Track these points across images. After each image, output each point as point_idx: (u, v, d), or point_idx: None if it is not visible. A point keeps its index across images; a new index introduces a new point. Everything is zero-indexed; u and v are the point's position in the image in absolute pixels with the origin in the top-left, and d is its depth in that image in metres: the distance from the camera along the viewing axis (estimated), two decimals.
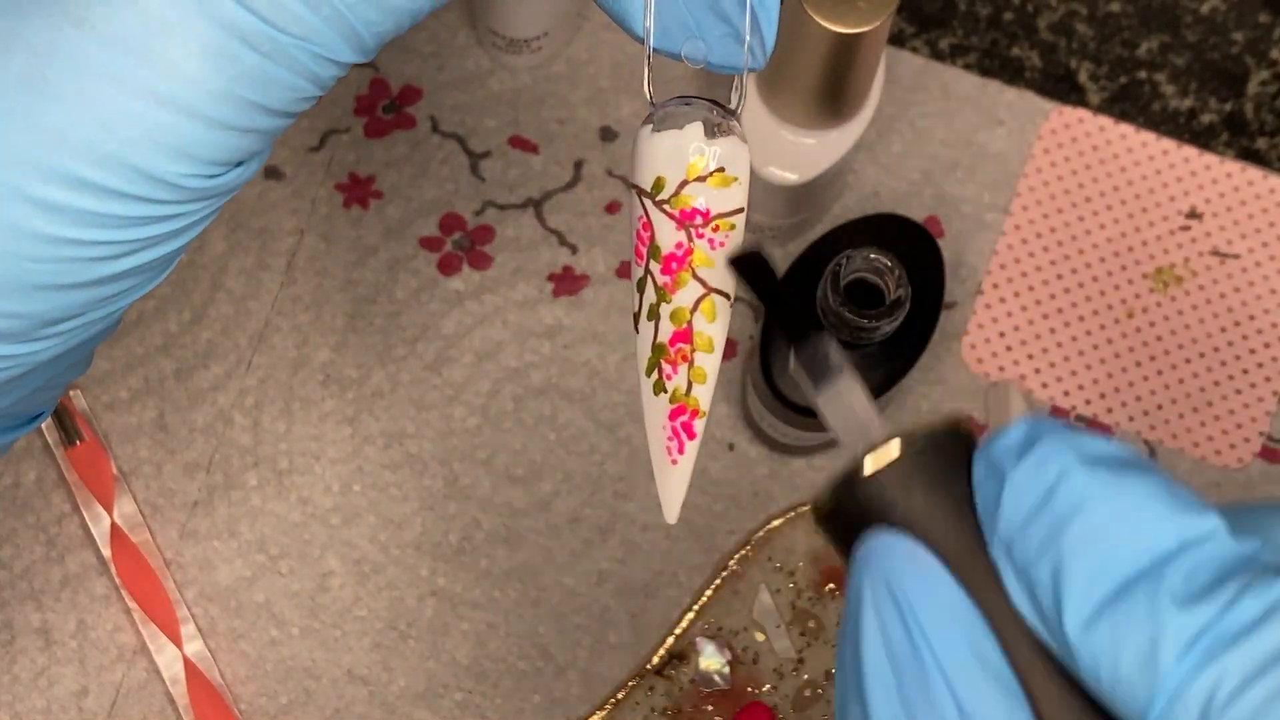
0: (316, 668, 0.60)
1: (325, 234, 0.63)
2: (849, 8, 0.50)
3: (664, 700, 0.59)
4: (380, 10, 0.37)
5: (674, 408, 0.41)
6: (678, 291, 0.40)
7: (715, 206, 0.40)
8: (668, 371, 0.41)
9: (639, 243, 0.40)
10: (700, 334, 0.40)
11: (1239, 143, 0.65)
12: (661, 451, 0.42)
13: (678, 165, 0.39)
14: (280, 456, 0.62)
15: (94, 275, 0.37)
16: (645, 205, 0.40)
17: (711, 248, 0.40)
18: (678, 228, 0.40)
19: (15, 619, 0.60)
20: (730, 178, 0.40)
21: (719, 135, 0.40)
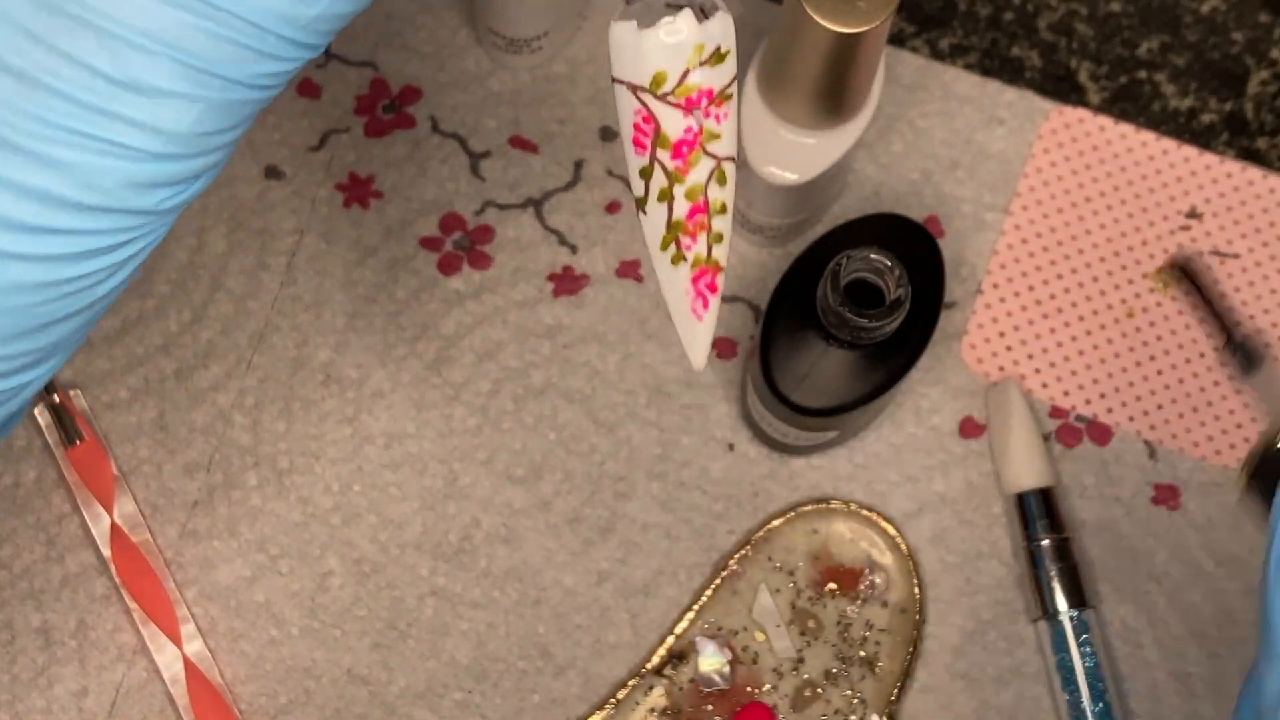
0: (316, 667, 0.60)
1: (325, 234, 0.63)
2: (849, 8, 0.50)
3: (664, 700, 0.59)
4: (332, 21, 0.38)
5: (696, 272, 0.42)
6: (691, 171, 0.41)
7: (716, 84, 0.40)
8: (685, 243, 0.42)
9: (638, 134, 0.41)
10: (715, 200, 0.41)
11: (1239, 142, 0.65)
12: (686, 312, 0.42)
13: (678, 57, 0.40)
14: (280, 456, 0.62)
15: (86, 302, 0.39)
16: (644, 100, 0.40)
17: (717, 122, 0.40)
18: (685, 114, 0.40)
19: (15, 619, 0.60)
20: (724, 53, 0.40)
21: (707, 15, 0.40)
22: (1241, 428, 0.62)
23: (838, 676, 0.59)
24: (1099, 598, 0.61)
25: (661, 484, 0.61)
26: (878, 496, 0.61)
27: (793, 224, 0.61)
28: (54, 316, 0.38)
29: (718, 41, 0.40)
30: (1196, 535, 0.61)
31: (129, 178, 0.37)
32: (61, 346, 0.39)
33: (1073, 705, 0.59)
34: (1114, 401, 0.62)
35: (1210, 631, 0.60)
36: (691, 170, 0.41)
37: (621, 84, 0.41)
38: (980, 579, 0.61)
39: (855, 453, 0.62)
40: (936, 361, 0.62)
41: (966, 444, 0.62)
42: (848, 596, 0.60)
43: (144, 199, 0.37)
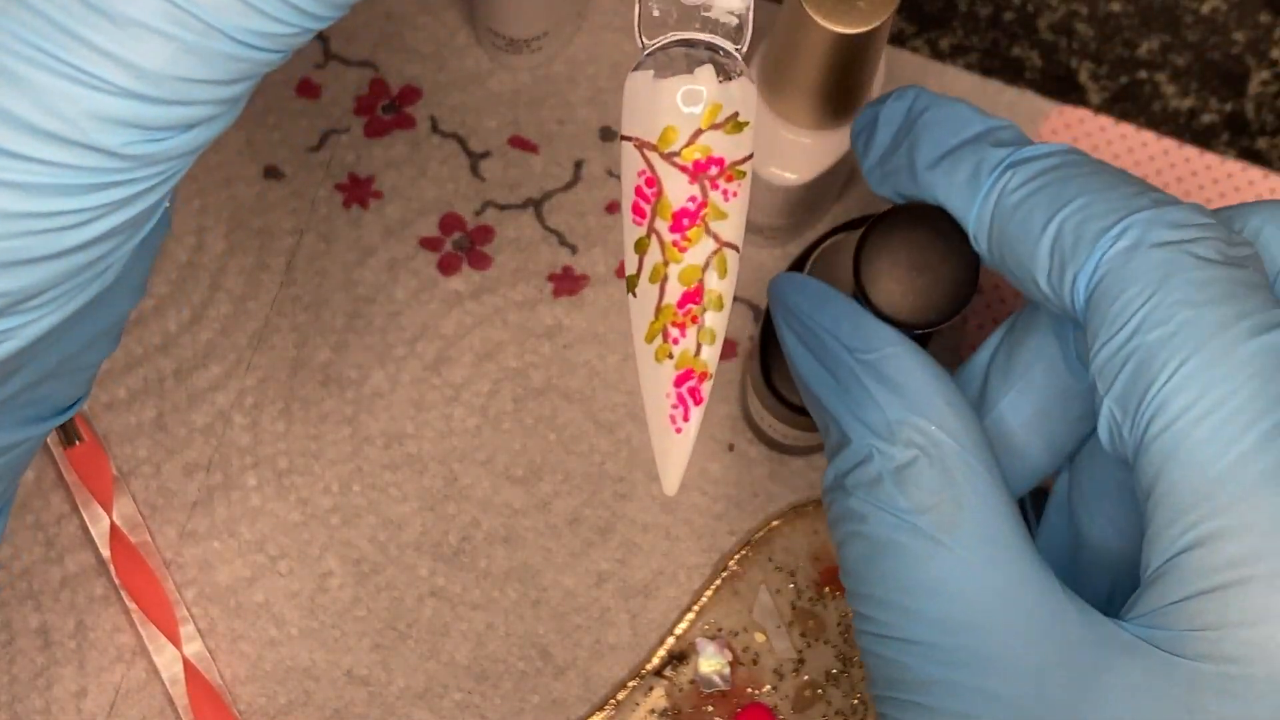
0: (316, 668, 0.60)
1: (325, 234, 0.63)
2: (849, 8, 0.50)
3: (664, 701, 0.59)
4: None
5: (680, 373, 0.39)
6: (690, 249, 0.38)
7: (729, 155, 0.38)
8: (674, 335, 0.39)
9: (639, 199, 0.38)
10: (711, 292, 0.39)
11: (1240, 143, 0.65)
12: (664, 421, 0.40)
13: (691, 113, 0.37)
14: (280, 457, 0.62)
15: (61, 245, 0.36)
16: (649, 159, 0.38)
17: (725, 199, 0.38)
18: (691, 180, 0.38)
19: (14, 619, 0.60)
20: (743, 122, 0.38)
21: (731, 77, 0.38)
22: None
23: (839, 677, 0.59)
24: None
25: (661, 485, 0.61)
26: None
27: (792, 224, 0.61)
28: (18, 255, 0.36)
29: (737, 107, 0.38)
30: None
31: (93, 109, 0.34)
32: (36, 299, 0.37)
33: None
34: None
35: None
36: (690, 248, 0.38)
37: (629, 141, 0.38)
38: None
39: None
40: None
41: None
42: None
43: (108, 136, 0.35)
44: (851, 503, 0.43)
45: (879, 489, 0.42)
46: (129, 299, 0.42)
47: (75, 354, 0.41)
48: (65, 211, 0.36)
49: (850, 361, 0.44)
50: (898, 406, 0.43)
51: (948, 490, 0.42)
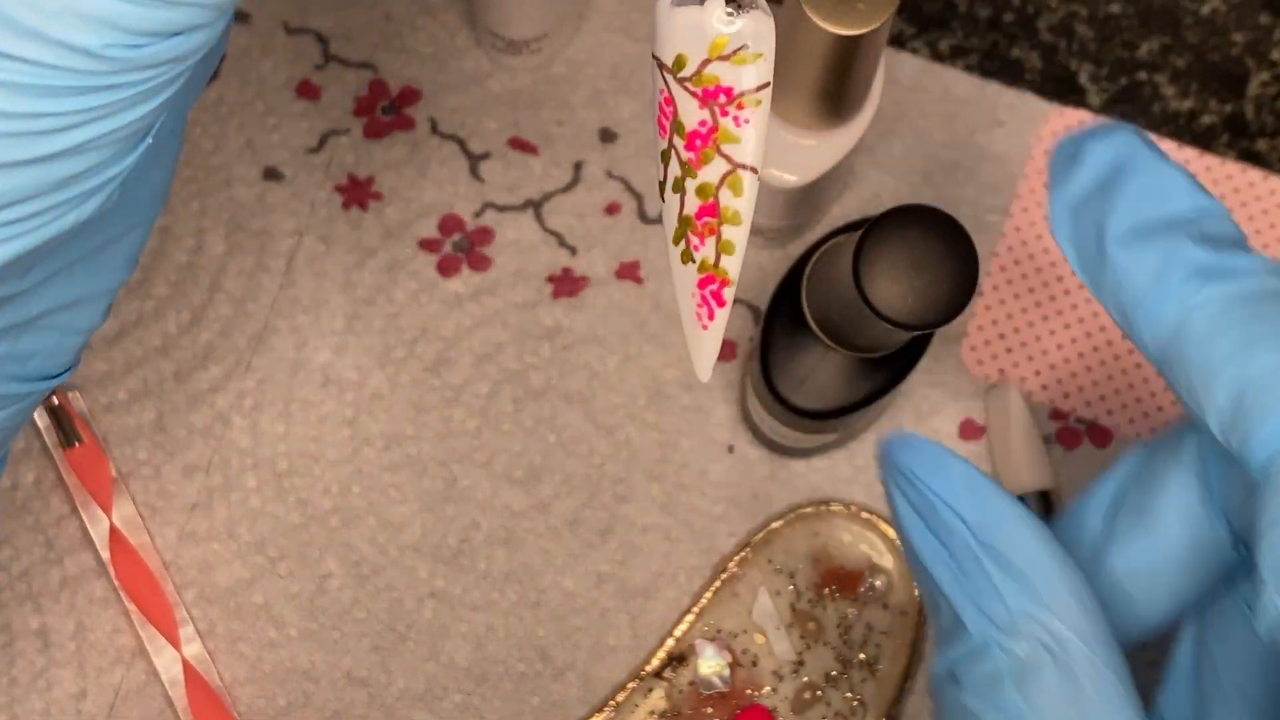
0: (315, 670, 0.60)
1: (324, 235, 0.63)
2: (849, 9, 0.50)
3: (663, 703, 0.59)
4: None
5: (702, 277, 0.40)
6: (703, 167, 0.39)
7: (740, 84, 0.38)
8: (694, 243, 0.40)
9: (661, 115, 0.39)
10: (727, 208, 0.39)
11: (1239, 144, 0.65)
12: (691, 317, 0.41)
13: (699, 43, 0.38)
14: (279, 458, 0.62)
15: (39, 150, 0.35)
16: (667, 80, 0.39)
17: (737, 125, 0.39)
18: (701, 106, 0.39)
19: (13, 621, 0.60)
20: (755, 54, 0.38)
21: (742, 10, 0.38)
22: None
23: (838, 679, 0.59)
24: None
25: (661, 486, 0.61)
26: (878, 499, 0.61)
27: (792, 226, 0.61)
28: None
29: (746, 40, 0.38)
30: None
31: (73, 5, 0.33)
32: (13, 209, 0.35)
33: None
34: (1114, 404, 0.62)
35: None
36: (703, 167, 0.39)
37: (655, 60, 0.39)
38: None
39: (855, 455, 0.62)
40: (936, 363, 0.62)
41: (966, 446, 0.62)
42: (848, 599, 0.60)
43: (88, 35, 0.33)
44: (966, 699, 0.40)
45: (998, 690, 0.39)
46: (120, 269, 0.41)
47: (60, 309, 0.40)
48: (44, 114, 0.34)
49: (969, 539, 0.40)
50: (1021, 596, 0.39)
51: (1075, 703, 0.38)
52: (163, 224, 0.63)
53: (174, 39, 0.35)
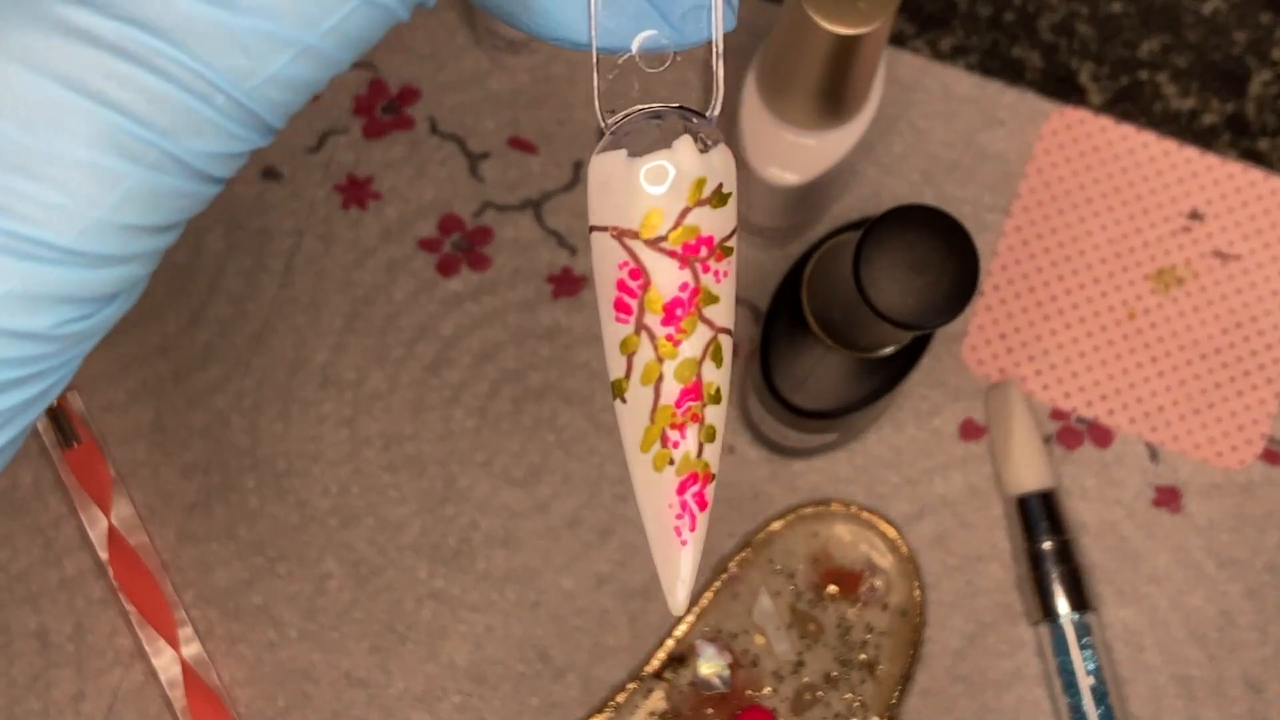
0: (315, 670, 0.60)
1: (323, 235, 0.63)
2: (849, 8, 0.50)
3: (663, 703, 0.59)
4: (289, 90, 0.32)
5: (683, 479, 0.35)
6: (685, 342, 0.34)
7: (719, 231, 0.34)
8: (674, 439, 0.35)
9: (623, 295, 0.34)
10: (709, 384, 0.35)
11: (1241, 143, 0.64)
12: (669, 534, 0.36)
13: (676, 191, 0.33)
14: (278, 458, 0.61)
15: None
16: (632, 248, 0.34)
17: (716, 280, 0.34)
18: (682, 266, 0.34)
19: (12, 622, 0.60)
20: (727, 194, 0.34)
21: (709, 146, 0.34)
22: (1243, 429, 0.62)
23: (838, 679, 0.59)
24: (1100, 600, 0.60)
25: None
26: (878, 499, 0.61)
27: (793, 225, 0.61)
28: None
29: (720, 179, 0.34)
30: (1198, 538, 0.61)
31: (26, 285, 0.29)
32: None
33: (1074, 708, 0.59)
34: (1115, 403, 0.62)
35: (1211, 634, 0.60)
36: (685, 340, 0.34)
37: (603, 231, 0.34)
38: (981, 581, 0.61)
39: (855, 455, 0.61)
40: (937, 363, 0.62)
41: (967, 446, 0.62)
42: (848, 599, 0.60)
43: (32, 318, 0.30)
44: None
45: None
46: None
47: None
48: None
49: None
50: None
51: None
52: None
53: (115, 303, 0.33)
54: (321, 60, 0.32)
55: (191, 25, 0.30)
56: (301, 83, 0.32)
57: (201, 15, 0.30)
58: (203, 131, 0.31)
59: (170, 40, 0.30)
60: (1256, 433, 0.62)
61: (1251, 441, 0.62)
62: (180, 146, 0.31)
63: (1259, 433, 0.62)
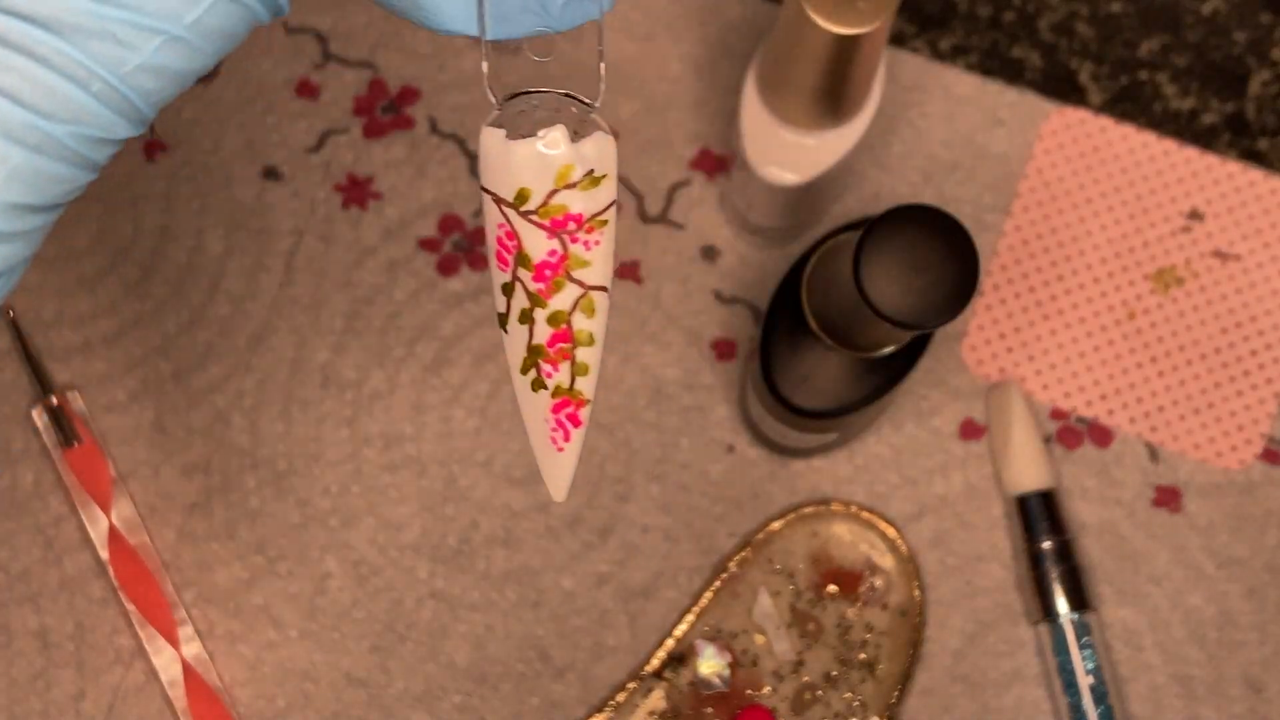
0: (315, 670, 0.60)
1: (324, 235, 0.63)
2: (849, 8, 0.50)
3: (663, 703, 0.59)
4: (159, 79, 0.35)
5: (557, 401, 0.40)
6: (554, 296, 0.38)
7: (588, 209, 0.38)
8: (547, 370, 0.39)
9: (502, 249, 0.38)
10: (580, 331, 0.39)
11: (1240, 143, 0.64)
12: (545, 441, 0.40)
13: (544, 175, 0.37)
14: (278, 458, 0.61)
15: None
16: (508, 214, 0.38)
17: (587, 249, 0.38)
18: (549, 236, 0.38)
19: (13, 621, 0.60)
20: (599, 177, 0.38)
21: (583, 134, 0.38)
22: (1243, 429, 0.62)
23: (838, 679, 0.59)
24: (1100, 600, 0.60)
25: (661, 486, 0.61)
26: (878, 498, 0.61)
27: (792, 225, 0.61)
28: None
29: (592, 165, 0.38)
30: (1198, 538, 0.61)
31: None
32: None
33: (1074, 708, 0.59)
34: (1115, 403, 0.62)
35: (1211, 634, 0.60)
36: (554, 295, 0.38)
37: (487, 194, 0.38)
38: (980, 581, 0.61)
39: (855, 455, 0.61)
40: (937, 363, 0.62)
41: (967, 446, 0.62)
42: (848, 599, 0.60)
43: None
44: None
45: None
46: None
47: None
48: None
49: None
50: None
51: None
52: (162, 224, 0.63)
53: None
54: (188, 51, 0.35)
55: (68, 16, 0.34)
56: (170, 71, 0.35)
57: (76, 6, 0.34)
58: (81, 116, 0.34)
59: (49, 29, 0.33)
60: (1256, 433, 0.62)
61: (1251, 441, 0.62)
62: (61, 130, 0.34)
63: (1258, 433, 0.62)
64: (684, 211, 0.63)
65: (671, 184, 0.63)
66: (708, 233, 0.63)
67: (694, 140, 0.63)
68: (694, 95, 0.64)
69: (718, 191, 0.63)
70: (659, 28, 0.64)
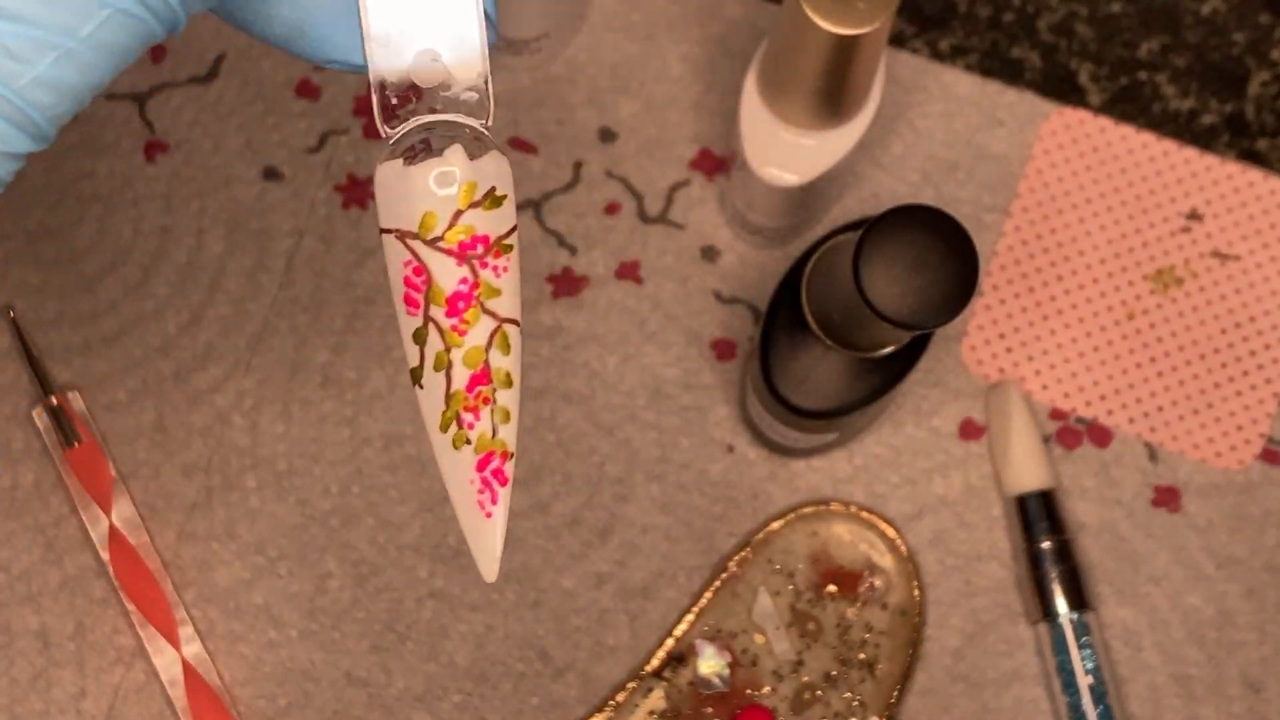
0: (315, 670, 0.60)
1: (324, 235, 0.63)
2: (849, 9, 0.50)
3: (663, 703, 0.59)
4: (55, 93, 0.35)
5: (481, 457, 0.39)
6: (469, 331, 0.38)
7: (494, 230, 0.38)
8: (468, 420, 0.38)
9: (410, 290, 0.38)
10: (499, 370, 0.38)
11: (1240, 144, 0.65)
12: (473, 507, 0.39)
13: (448, 196, 0.37)
14: (279, 458, 0.61)
15: None
16: (413, 248, 0.37)
17: (496, 275, 0.38)
18: (459, 263, 0.37)
19: (13, 621, 0.60)
20: (500, 196, 0.38)
21: (479, 152, 0.38)
22: (1242, 429, 0.62)
23: (837, 679, 0.59)
24: (1099, 600, 0.60)
25: (661, 486, 0.61)
26: (877, 499, 0.61)
27: (792, 225, 0.61)
28: None
29: (493, 182, 0.38)
30: (1197, 537, 0.61)
31: None
32: None
33: (1073, 708, 0.59)
34: (1114, 403, 0.62)
35: (1210, 634, 0.60)
36: (469, 330, 0.38)
37: (390, 234, 0.38)
38: (980, 581, 0.61)
39: (855, 455, 0.62)
40: (936, 363, 0.62)
41: (966, 446, 0.62)
42: (847, 599, 0.60)
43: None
44: None
45: None
46: None
47: None
48: None
49: None
50: None
51: None
52: (163, 223, 0.63)
53: None
54: (83, 66, 0.35)
55: None
56: (66, 86, 0.35)
57: None
58: None
59: None
60: (1255, 433, 0.62)
61: (1250, 441, 0.62)
62: None
63: (1258, 433, 0.62)
64: (684, 211, 0.63)
65: (671, 184, 0.63)
66: (708, 233, 0.63)
67: (694, 140, 0.64)
68: (694, 95, 0.64)
69: (718, 191, 0.63)
70: (659, 28, 0.64)
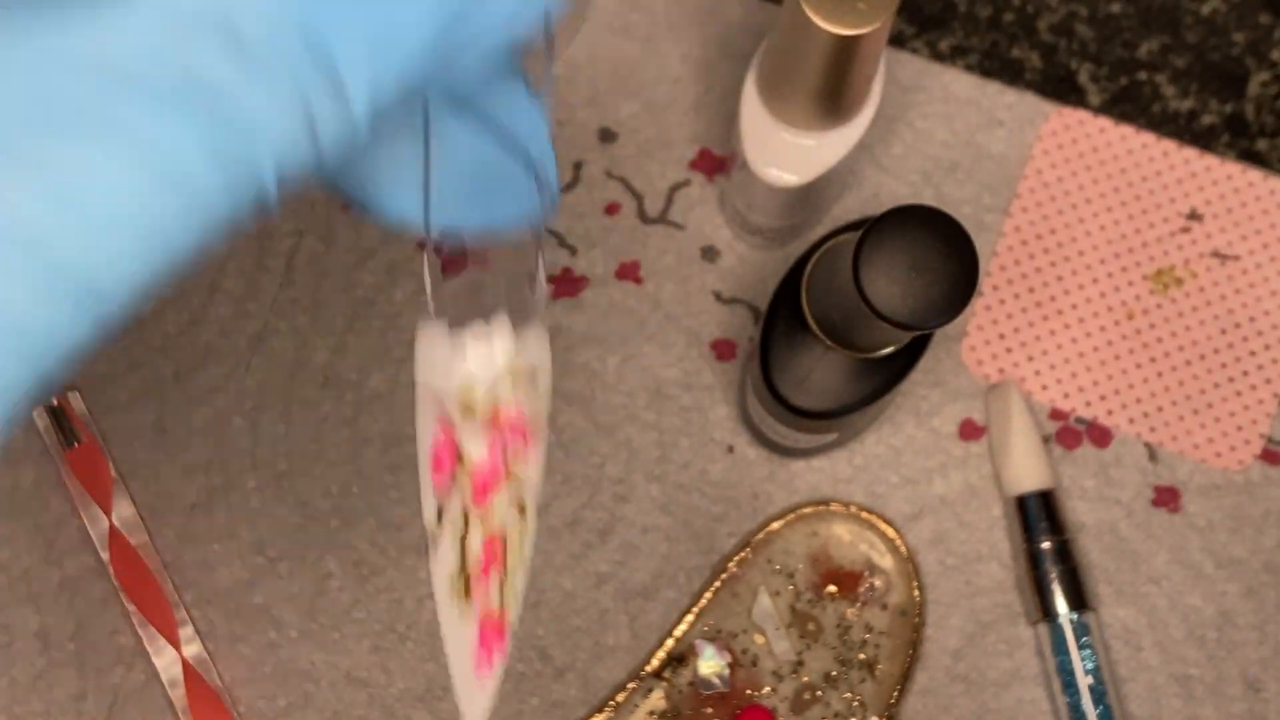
0: (315, 670, 0.60)
1: (324, 236, 0.63)
2: (849, 9, 0.50)
3: (663, 703, 0.59)
4: None
5: (484, 623, 0.38)
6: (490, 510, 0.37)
7: (529, 410, 0.37)
8: (478, 590, 0.38)
9: (438, 450, 0.37)
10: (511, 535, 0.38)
11: (1240, 144, 0.65)
12: (468, 670, 0.38)
13: (488, 369, 0.36)
14: (279, 458, 0.61)
15: None
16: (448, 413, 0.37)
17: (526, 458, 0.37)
18: (493, 445, 0.37)
19: (14, 621, 0.60)
20: (545, 370, 0.37)
21: (522, 323, 0.37)
22: (1242, 429, 0.62)
23: (837, 679, 0.59)
24: (1099, 600, 0.60)
25: (661, 486, 0.61)
26: (877, 499, 0.61)
27: (792, 225, 0.61)
28: None
29: (534, 359, 0.37)
30: (1197, 537, 0.61)
31: None
32: None
33: (1073, 708, 0.59)
34: (1114, 404, 0.62)
35: (1210, 634, 0.60)
36: (490, 509, 0.37)
37: (428, 392, 0.37)
38: (980, 581, 0.61)
39: (855, 455, 0.62)
40: (936, 363, 0.62)
41: (966, 446, 0.62)
42: (847, 599, 0.60)
43: None
44: None
45: None
46: None
47: None
48: None
49: None
50: None
51: None
52: None
53: None
54: None
55: None
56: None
57: None
58: None
59: None
60: (1255, 433, 0.62)
61: (1250, 442, 0.62)
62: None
63: (1258, 433, 0.62)
64: (684, 212, 0.63)
65: (671, 184, 0.63)
66: (708, 233, 0.63)
67: (694, 141, 0.64)
68: (694, 96, 0.64)
69: (718, 192, 0.63)
70: (659, 28, 0.64)
